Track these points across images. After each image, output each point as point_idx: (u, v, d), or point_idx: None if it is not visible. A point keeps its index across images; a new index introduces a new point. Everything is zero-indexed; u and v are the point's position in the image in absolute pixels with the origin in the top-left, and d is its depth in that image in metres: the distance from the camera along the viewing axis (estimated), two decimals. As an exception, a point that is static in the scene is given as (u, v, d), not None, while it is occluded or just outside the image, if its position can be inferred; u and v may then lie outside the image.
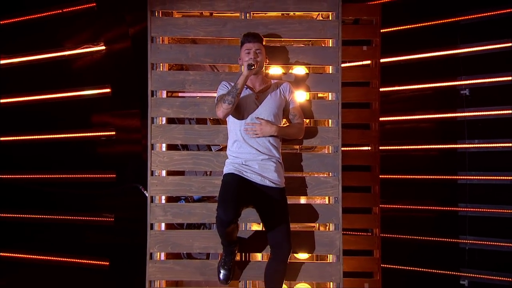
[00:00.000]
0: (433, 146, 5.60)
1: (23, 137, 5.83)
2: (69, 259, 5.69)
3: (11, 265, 5.71)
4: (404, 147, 5.61)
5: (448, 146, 5.53)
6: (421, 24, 5.62)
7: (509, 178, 5.27)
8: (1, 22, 5.85)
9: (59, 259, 5.69)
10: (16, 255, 5.72)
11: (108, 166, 5.76)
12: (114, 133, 5.78)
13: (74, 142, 5.82)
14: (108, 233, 5.80)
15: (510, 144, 5.27)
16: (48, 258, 5.71)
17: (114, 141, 5.77)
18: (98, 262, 5.68)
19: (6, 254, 5.72)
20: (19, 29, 5.85)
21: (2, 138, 5.79)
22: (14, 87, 5.85)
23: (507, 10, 5.34)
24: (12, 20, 5.86)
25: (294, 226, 3.78)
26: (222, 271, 3.76)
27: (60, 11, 5.83)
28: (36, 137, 5.82)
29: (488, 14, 5.42)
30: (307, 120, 3.96)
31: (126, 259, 5.33)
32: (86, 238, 5.84)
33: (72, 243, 5.77)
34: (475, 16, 5.49)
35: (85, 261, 5.69)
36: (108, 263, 5.67)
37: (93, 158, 5.83)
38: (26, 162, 5.84)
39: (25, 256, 5.72)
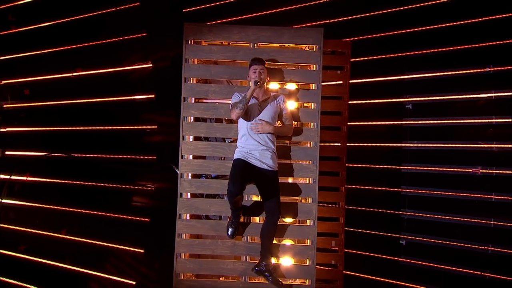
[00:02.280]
0: (385, 144, 5.58)
1: (91, 128, 5.84)
2: (121, 216, 5.69)
3: (80, 218, 5.71)
4: (364, 144, 5.60)
5: (395, 144, 5.52)
6: (379, 56, 5.59)
7: (438, 168, 5.26)
8: (79, 46, 5.87)
9: (114, 215, 5.69)
10: (84, 210, 5.71)
11: (151, 150, 5.75)
12: (156, 127, 5.79)
13: (127, 132, 5.83)
14: (150, 198, 5.82)
15: (440, 145, 5.25)
16: (106, 214, 5.70)
17: (156, 133, 5.78)
18: (142, 219, 5.67)
19: (77, 209, 5.71)
20: (92, 51, 5.87)
21: (80, 128, 5.82)
22: (86, 92, 5.85)
23: (439, 50, 5.30)
24: (85, 44, 5.88)
25: (283, 199, 3.77)
26: (230, 229, 3.75)
27: (121, 38, 5.86)
28: (101, 128, 5.83)
29: (426, 51, 5.39)
30: (295, 123, 3.92)
31: (162, 217, 5.32)
32: (134, 201, 5.86)
33: (124, 204, 5.79)
34: (416, 52, 5.46)
35: (133, 217, 5.69)
36: (149, 220, 5.67)
37: (140, 144, 5.83)
38: (94, 146, 5.81)
39: (90, 212, 5.71)
